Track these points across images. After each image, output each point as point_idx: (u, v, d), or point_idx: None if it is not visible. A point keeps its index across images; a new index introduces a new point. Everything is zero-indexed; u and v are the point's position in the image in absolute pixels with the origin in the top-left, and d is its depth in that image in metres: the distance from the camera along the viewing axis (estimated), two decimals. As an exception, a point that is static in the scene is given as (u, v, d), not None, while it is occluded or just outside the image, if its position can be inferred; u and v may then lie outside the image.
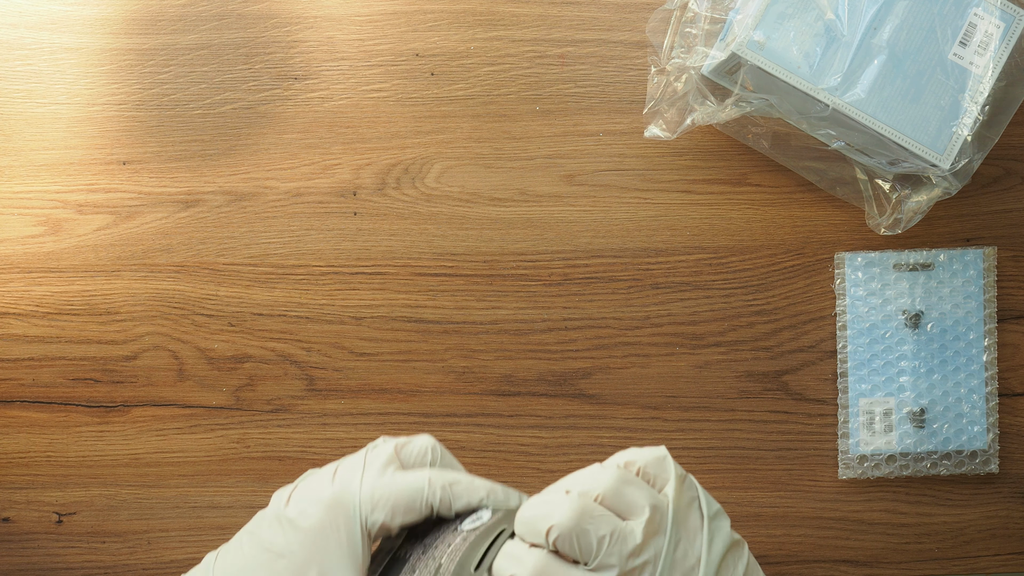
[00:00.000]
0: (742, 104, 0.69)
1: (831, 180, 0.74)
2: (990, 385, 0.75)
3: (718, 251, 0.75)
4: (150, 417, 0.75)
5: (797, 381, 0.75)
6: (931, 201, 0.71)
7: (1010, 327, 0.76)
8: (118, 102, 0.74)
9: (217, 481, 0.75)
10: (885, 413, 0.75)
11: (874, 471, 0.75)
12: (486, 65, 0.74)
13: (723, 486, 0.75)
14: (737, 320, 0.75)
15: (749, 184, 0.75)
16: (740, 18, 0.67)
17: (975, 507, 0.76)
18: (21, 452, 0.75)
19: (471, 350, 0.75)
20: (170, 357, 0.74)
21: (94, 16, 0.73)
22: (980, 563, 0.76)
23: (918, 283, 0.75)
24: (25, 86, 0.74)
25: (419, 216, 0.74)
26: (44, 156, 0.74)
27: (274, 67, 0.74)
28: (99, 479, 0.75)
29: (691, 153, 0.75)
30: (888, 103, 0.67)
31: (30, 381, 0.74)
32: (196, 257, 0.74)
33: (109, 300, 0.74)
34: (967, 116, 0.68)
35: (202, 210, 0.74)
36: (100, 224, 0.74)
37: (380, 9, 0.74)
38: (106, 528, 0.75)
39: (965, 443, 0.75)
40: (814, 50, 0.67)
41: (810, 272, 0.75)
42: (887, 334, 0.75)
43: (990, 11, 0.68)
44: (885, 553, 0.76)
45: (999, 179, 0.75)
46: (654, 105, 0.72)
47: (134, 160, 0.74)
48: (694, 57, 0.70)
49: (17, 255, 0.74)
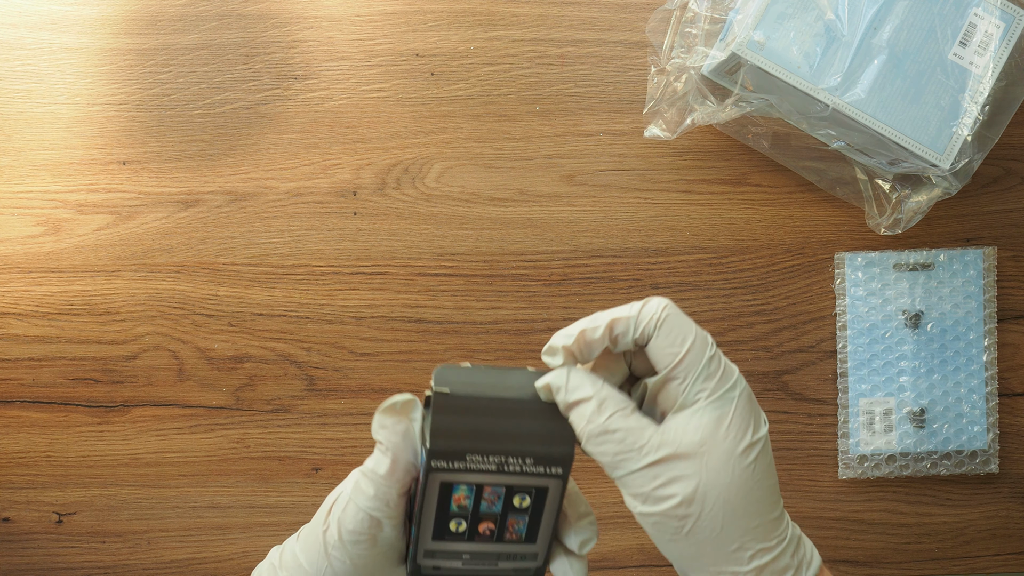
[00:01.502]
0: (742, 104, 0.69)
1: (831, 180, 0.74)
2: (990, 385, 0.75)
3: (718, 251, 0.75)
4: (150, 417, 0.75)
5: (797, 381, 0.75)
6: (931, 201, 0.71)
7: (1010, 327, 0.76)
8: (118, 102, 0.74)
9: (217, 481, 0.75)
10: (885, 413, 0.75)
11: (874, 471, 0.75)
12: (486, 65, 0.74)
13: (723, 486, 0.75)
14: (737, 320, 0.75)
15: (749, 184, 0.75)
16: (740, 18, 0.67)
17: (975, 507, 0.76)
18: (21, 452, 0.75)
19: (471, 350, 0.75)
20: (170, 357, 0.74)
21: (94, 16, 0.73)
22: (980, 563, 0.76)
23: (918, 283, 0.75)
24: (25, 86, 0.74)
25: (419, 216, 0.74)
26: (44, 156, 0.74)
27: (274, 67, 0.74)
28: (99, 479, 0.75)
29: (691, 153, 0.75)
30: (888, 103, 0.67)
31: (30, 381, 0.74)
32: (196, 257, 0.74)
33: (109, 300, 0.74)
34: (967, 116, 0.68)
35: (202, 210, 0.74)
36: (100, 224, 0.74)
37: (380, 9, 0.74)
38: (106, 528, 0.75)
39: (965, 443, 0.75)
40: (814, 50, 0.67)
41: (810, 272, 0.75)
42: (887, 334, 0.75)
43: (990, 11, 0.68)
44: (885, 553, 0.76)
45: (999, 179, 0.75)
46: (654, 105, 0.72)
47: (134, 160, 0.74)
48: (694, 57, 0.70)
49: (17, 255, 0.74)
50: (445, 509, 0.44)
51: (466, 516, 0.45)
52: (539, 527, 0.46)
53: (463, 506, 0.44)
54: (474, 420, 0.43)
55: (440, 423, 0.43)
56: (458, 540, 0.45)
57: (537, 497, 0.45)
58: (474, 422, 0.43)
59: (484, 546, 0.46)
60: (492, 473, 0.43)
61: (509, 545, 0.46)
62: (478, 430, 0.43)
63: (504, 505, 0.45)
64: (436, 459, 0.43)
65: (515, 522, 0.45)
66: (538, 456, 0.43)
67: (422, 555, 0.46)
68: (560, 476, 0.44)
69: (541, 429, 0.44)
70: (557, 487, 0.44)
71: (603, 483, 0.75)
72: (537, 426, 0.44)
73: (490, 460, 0.43)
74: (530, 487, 0.44)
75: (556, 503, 0.45)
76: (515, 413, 0.44)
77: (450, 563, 0.46)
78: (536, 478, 0.44)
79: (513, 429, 0.43)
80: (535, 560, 0.47)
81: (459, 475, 0.43)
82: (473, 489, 0.44)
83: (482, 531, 0.45)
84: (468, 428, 0.43)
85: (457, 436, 0.43)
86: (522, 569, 0.47)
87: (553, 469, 0.44)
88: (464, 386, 0.44)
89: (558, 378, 0.44)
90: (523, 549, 0.46)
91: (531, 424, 0.44)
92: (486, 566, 0.47)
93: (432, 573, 0.47)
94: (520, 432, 0.43)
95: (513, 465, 0.43)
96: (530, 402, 0.44)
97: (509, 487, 0.44)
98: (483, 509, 0.45)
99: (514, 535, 0.46)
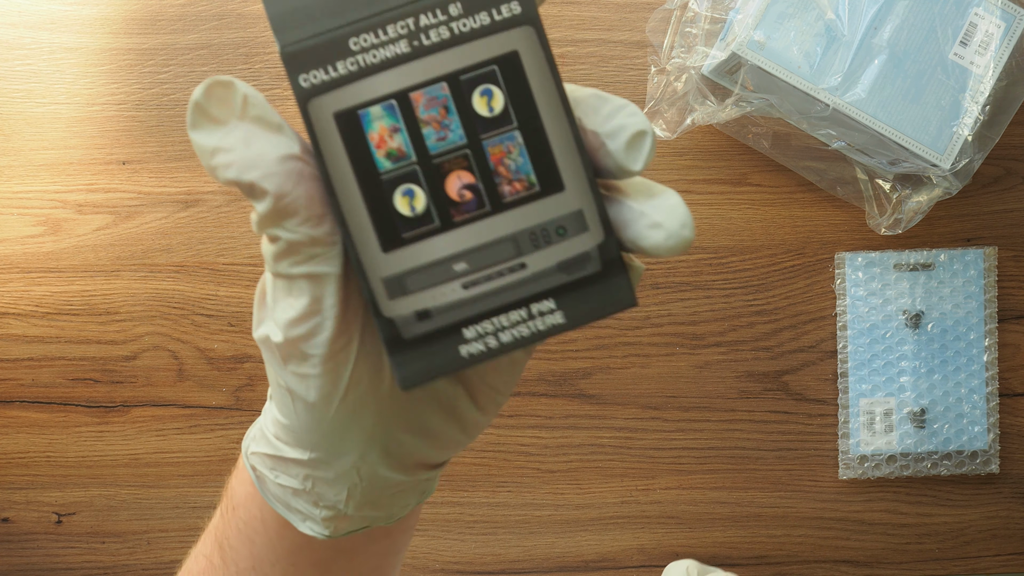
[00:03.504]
0: (742, 104, 0.69)
1: (831, 180, 0.74)
2: (991, 385, 0.75)
3: (718, 251, 0.75)
4: (150, 417, 0.74)
5: (797, 381, 0.75)
6: (931, 201, 0.71)
7: (1011, 327, 0.76)
8: (118, 102, 0.74)
9: (217, 481, 0.75)
10: (885, 413, 0.75)
11: (874, 471, 0.75)
12: (486, 65, 0.74)
13: (723, 486, 0.75)
14: (737, 320, 0.75)
15: (749, 184, 0.75)
16: (740, 18, 0.67)
17: (976, 507, 0.76)
18: (21, 452, 0.75)
19: (471, 350, 0.74)
20: (170, 357, 0.74)
21: (94, 16, 0.73)
22: (981, 564, 0.76)
23: (918, 283, 0.75)
24: (25, 86, 0.73)
25: (419, 216, 0.74)
26: (44, 156, 0.74)
27: (274, 67, 0.74)
28: (98, 479, 0.75)
29: (691, 153, 0.75)
30: (888, 103, 0.67)
31: (30, 381, 0.74)
32: (196, 257, 0.74)
33: (109, 300, 0.74)
34: (968, 116, 0.68)
35: (202, 210, 0.74)
36: (100, 224, 0.74)
37: (380, 9, 0.74)
38: (106, 528, 0.75)
39: (966, 443, 0.75)
40: (814, 50, 0.67)
41: (810, 272, 0.75)
42: (887, 334, 0.75)
43: (991, 11, 0.68)
44: (885, 553, 0.76)
45: (1000, 179, 0.75)
46: (654, 105, 0.71)
47: (134, 160, 0.74)
48: (694, 57, 0.70)
49: (16, 255, 0.74)
50: (370, 172, 0.25)
51: (414, 176, 0.25)
52: (549, 143, 0.25)
53: (396, 152, 0.25)
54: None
55: (278, 3, 0.25)
56: (428, 234, 0.26)
57: (510, 78, 0.25)
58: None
59: (479, 229, 0.26)
60: (407, 60, 0.25)
61: (521, 209, 0.26)
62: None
63: (465, 123, 0.25)
64: (299, 70, 0.25)
65: (502, 150, 0.26)
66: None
67: (384, 294, 0.26)
68: (521, 16, 0.25)
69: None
70: (530, 43, 0.25)
71: (603, 483, 0.75)
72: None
73: (391, 32, 0.25)
74: (485, 63, 0.25)
75: (546, 74, 0.25)
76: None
77: (441, 292, 0.26)
78: (484, 39, 0.25)
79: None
80: (582, 224, 0.26)
81: (355, 89, 0.25)
82: (394, 110, 0.25)
83: (458, 196, 0.26)
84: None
85: (314, 13, 0.25)
86: (576, 258, 0.26)
87: (505, 6, 0.25)
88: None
89: None
90: (550, 207, 0.26)
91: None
92: (509, 275, 0.26)
93: (420, 330, 0.26)
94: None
95: (433, 27, 0.25)
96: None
97: (450, 79, 0.25)
98: (433, 146, 0.25)
99: (517, 182, 0.26)
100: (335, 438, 0.30)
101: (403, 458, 0.32)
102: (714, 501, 0.75)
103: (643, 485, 0.75)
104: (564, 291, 0.26)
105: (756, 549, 0.76)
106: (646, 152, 0.25)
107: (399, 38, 0.25)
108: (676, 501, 0.75)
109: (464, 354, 0.26)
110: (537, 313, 0.26)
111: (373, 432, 0.30)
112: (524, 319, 0.26)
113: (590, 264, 0.26)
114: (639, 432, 0.75)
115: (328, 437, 0.30)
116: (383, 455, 0.31)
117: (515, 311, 0.26)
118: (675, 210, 0.26)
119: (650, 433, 0.75)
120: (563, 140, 0.25)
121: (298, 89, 0.25)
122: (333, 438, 0.30)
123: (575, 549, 0.75)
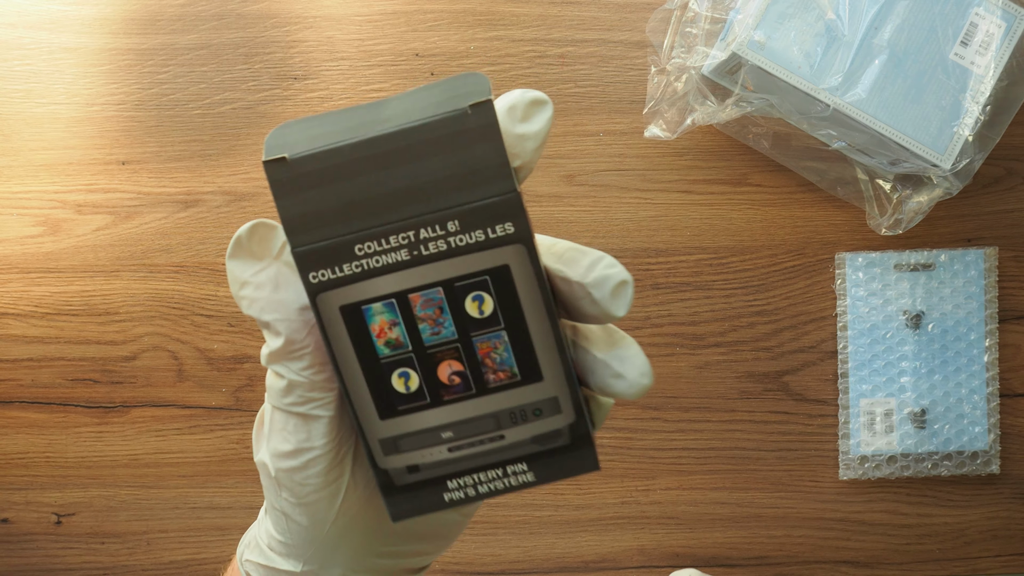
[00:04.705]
0: (742, 104, 0.69)
1: (832, 180, 0.73)
2: (991, 386, 0.75)
3: (718, 251, 0.75)
4: (149, 418, 0.74)
5: (798, 382, 0.75)
6: (932, 201, 0.71)
7: (1011, 327, 0.75)
8: (117, 102, 0.74)
9: (216, 482, 0.75)
10: (886, 414, 0.75)
11: (875, 472, 0.75)
12: (486, 65, 0.74)
13: (723, 487, 0.75)
14: (737, 320, 0.75)
15: (749, 184, 0.75)
16: (740, 18, 0.67)
17: (976, 508, 0.76)
18: (20, 453, 0.75)
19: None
20: (169, 357, 0.74)
21: (93, 16, 0.73)
22: (981, 564, 0.76)
23: (919, 283, 0.74)
24: (24, 86, 0.73)
25: (419, 216, 0.74)
26: (43, 156, 0.74)
27: (274, 67, 0.74)
28: (98, 480, 0.75)
29: (691, 153, 0.74)
30: (889, 103, 0.67)
31: (29, 382, 0.74)
32: (196, 257, 0.74)
33: (108, 300, 0.74)
34: (968, 116, 0.68)
35: (202, 210, 0.74)
36: (99, 224, 0.74)
37: (380, 9, 0.74)
38: (105, 529, 0.75)
39: (966, 444, 0.75)
40: (815, 50, 0.67)
41: (811, 272, 0.75)
42: (888, 334, 0.74)
43: (991, 11, 0.68)
44: (886, 554, 0.76)
45: (1000, 179, 0.75)
46: (654, 105, 0.71)
47: (133, 160, 0.74)
48: (694, 57, 0.70)
49: (16, 255, 0.74)
50: (370, 355, 0.29)
51: (409, 361, 0.29)
52: (532, 342, 0.29)
53: (394, 341, 0.29)
54: (344, 187, 0.27)
55: (291, 208, 0.27)
56: (419, 408, 0.30)
57: (500, 287, 0.28)
58: (345, 189, 0.27)
59: (464, 407, 0.30)
60: (407, 266, 0.28)
61: (503, 394, 0.30)
62: (354, 199, 0.27)
63: (457, 321, 0.29)
64: (309, 268, 0.28)
65: (489, 347, 0.29)
66: (465, 210, 0.27)
67: (380, 451, 0.30)
68: (514, 235, 0.28)
69: (454, 166, 0.27)
70: (520, 258, 0.28)
71: (603, 483, 0.75)
72: (445, 164, 0.27)
73: (392, 242, 0.28)
74: (478, 273, 0.28)
75: (533, 284, 0.28)
76: (406, 154, 0.27)
77: (429, 453, 0.30)
78: (478, 253, 0.28)
79: (410, 179, 0.27)
80: (556, 408, 0.30)
81: (359, 288, 0.28)
82: (394, 307, 0.28)
83: (447, 380, 0.29)
84: (338, 201, 0.27)
85: (324, 220, 0.27)
86: (549, 434, 0.30)
87: (500, 227, 0.28)
88: (312, 140, 0.27)
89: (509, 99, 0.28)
90: (528, 393, 0.30)
91: (435, 165, 0.27)
92: (488, 444, 0.30)
93: (410, 480, 0.30)
94: (422, 181, 0.27)
95: (432, 240, 0.28)
96: (421, 130, 0.27)
97: (446, 285, 0.28)
98: (428, 339, 0.29)
99: (500, 372, 0.29)
100: (327, 553, 0.33)
101: (389, 568, 0.35)
102: (714, 502, 0.75)
103: (643, 485, 0.75)
104: (536, 457, 0.30)
105: (756, 550, 0.76)
106: (628, 299, 0.29)
107: (400, 247, 0.28)
108: (676, 502, 0.75)
109: (447, 499, 0.31)
110: (511, 472, 0.31)
111: (362, 548, 0.34)
112: (499, 476, 0.31)
113: (561, 439, 0.30)
114: (639, 432, 0.75)
115: (320, 552, 0.33)
116: (371, 568, 0.35)
117: (492, 470, 0.31)
118: (634, 360, 0.29)
119: (650, 433, 0.75)
120: (545, 339, 0.29)
121: (308, 284, 0.28)
122: (325, 553, 0.33)
123: (575, 550, 0.75)
